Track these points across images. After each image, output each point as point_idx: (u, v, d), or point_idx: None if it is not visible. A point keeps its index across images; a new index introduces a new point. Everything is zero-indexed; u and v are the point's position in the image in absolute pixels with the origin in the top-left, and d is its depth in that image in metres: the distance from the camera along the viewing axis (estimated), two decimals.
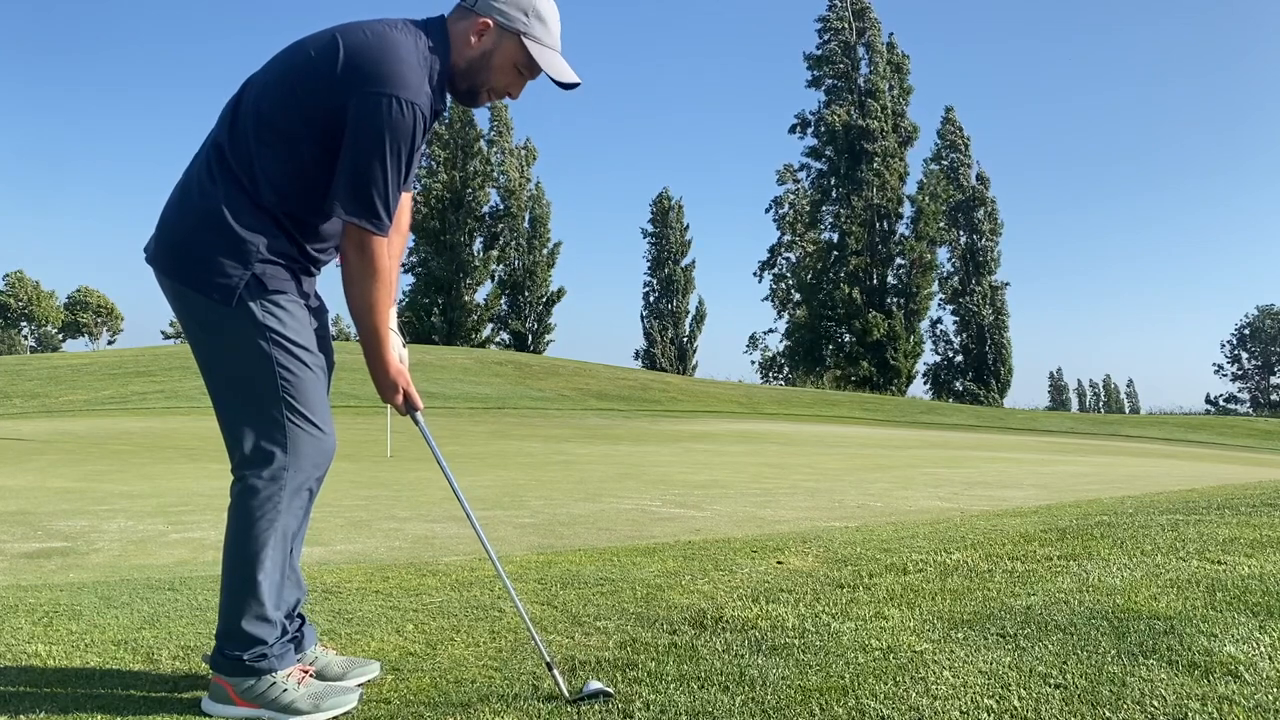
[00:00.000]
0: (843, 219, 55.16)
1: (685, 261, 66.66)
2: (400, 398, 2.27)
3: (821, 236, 57.40)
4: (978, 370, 57.41)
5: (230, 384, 2.17)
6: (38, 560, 4.27)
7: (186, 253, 2.14)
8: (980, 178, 58.96)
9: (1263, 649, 2.29)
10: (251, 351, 2.12)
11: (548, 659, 2.22)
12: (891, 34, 56.09)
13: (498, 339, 60.31)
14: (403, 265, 2.41)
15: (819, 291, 55.52)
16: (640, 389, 33.97)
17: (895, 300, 55.06)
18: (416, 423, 2.33)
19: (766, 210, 59.72)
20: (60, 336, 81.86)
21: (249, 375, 2.14)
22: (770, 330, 62.63)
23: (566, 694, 2.13)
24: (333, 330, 2.43)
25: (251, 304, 2.12)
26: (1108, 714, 1.95)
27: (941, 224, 55.81)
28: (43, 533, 5.09)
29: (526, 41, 2.20)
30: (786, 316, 59.33)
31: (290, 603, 2.24)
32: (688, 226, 66.96)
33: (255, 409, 2.14)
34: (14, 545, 4.68)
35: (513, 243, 59.99)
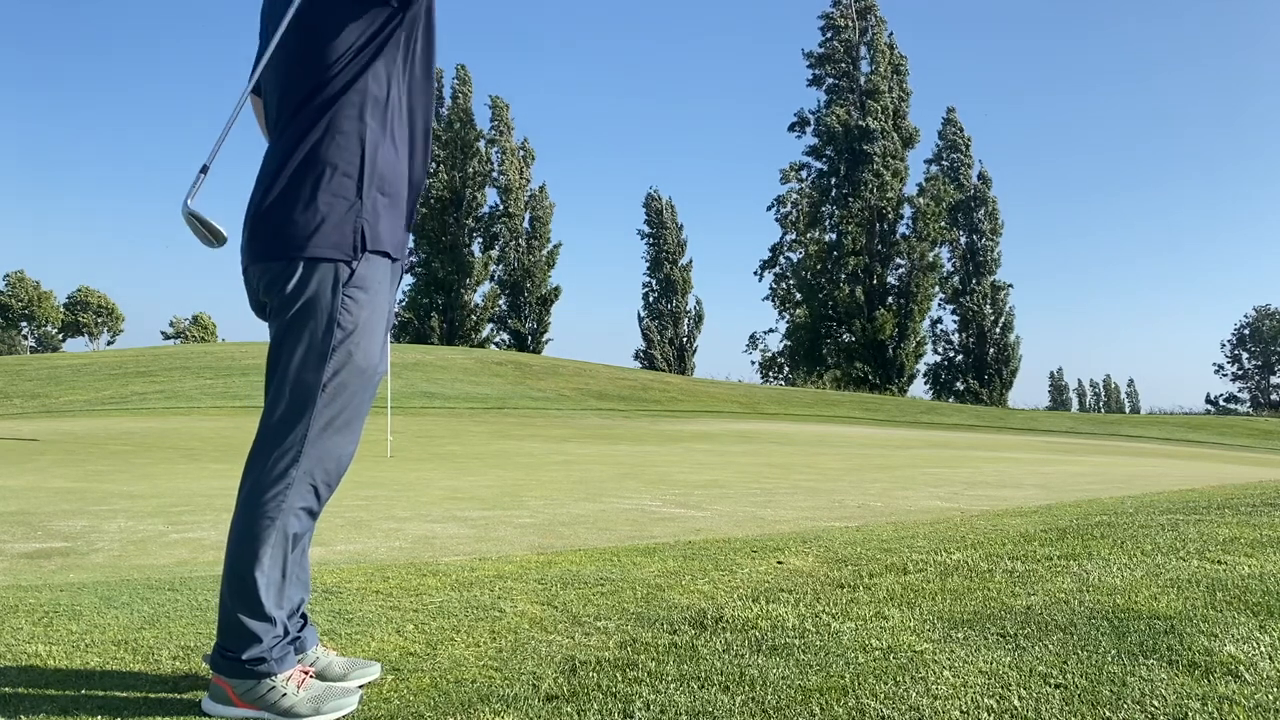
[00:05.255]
0: (842, 219, 55.16)
1: (683, 261, 66.72)
2: None
3: (824, 237, 57.42)
4: (979, 370, 57.44)
5: (283, 372, 2.13)
6: (38, 560, 4.27)
7: (279, 230, 2.09)
8: (982, 177, 59.01)
9: (1263, 649, 2.29)
10: (314, 341, 2.10)
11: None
12: (891, 33, 56.18)
13: (497, 339, 60.39)
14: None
15: (819, 291, 55.53)
16: (640, 389, 33.95)
17: (896, 300, 55.07)
18: None
19: (769, 208, 59.78)
20: (60, 337, 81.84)
21: (301, 364, 2.11)
22: (770, 330, 62.74)
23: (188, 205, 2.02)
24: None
25: (334, 291, 2.09)
26: (1108, 714, 1.95)
27: (942, 224, 55.84)
28: (43, 533, 5.08)
29: None
30: (787, 316, 59.38)
31: (294, 602, 2.23)
32: (682, 226, 67.11)
33: (292, 400, 2.11)
34: (14, 545, 4.68)
35: (512, 243, 60.02)
